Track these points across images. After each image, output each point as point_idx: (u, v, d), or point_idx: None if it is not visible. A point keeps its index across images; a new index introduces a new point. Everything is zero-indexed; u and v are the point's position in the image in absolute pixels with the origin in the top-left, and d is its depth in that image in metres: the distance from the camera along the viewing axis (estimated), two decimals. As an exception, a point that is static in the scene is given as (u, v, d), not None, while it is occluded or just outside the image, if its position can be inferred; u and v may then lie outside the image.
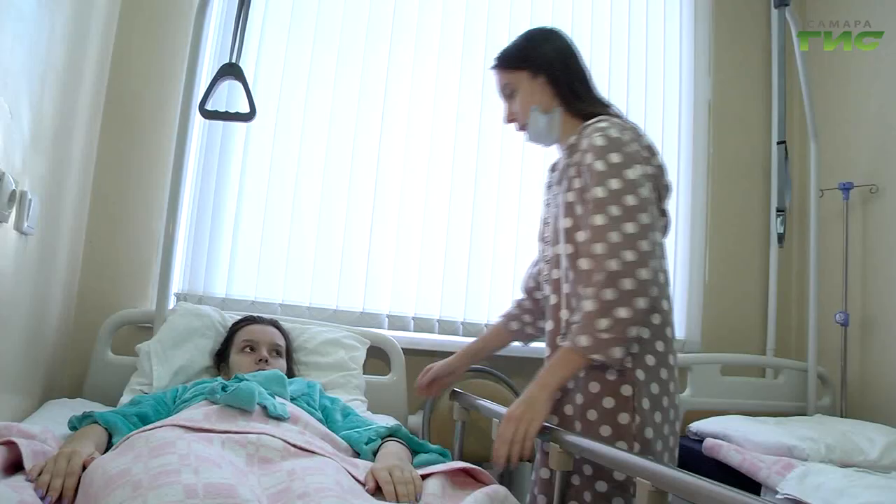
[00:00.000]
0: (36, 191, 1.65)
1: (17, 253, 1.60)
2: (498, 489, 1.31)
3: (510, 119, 1.69)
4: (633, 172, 1.40)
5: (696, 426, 2.46)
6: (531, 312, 1.84)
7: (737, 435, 2.25)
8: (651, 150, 1.52)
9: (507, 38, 1.87)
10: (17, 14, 1.44)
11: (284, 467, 1.24)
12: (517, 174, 2.77)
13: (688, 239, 2.98)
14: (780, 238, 2.98)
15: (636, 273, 1.32)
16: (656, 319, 1.47)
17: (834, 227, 2.90)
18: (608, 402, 1.43)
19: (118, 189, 2.37)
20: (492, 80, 1.74)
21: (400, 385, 2.38)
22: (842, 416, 2.68)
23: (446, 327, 2.62)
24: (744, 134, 3.13)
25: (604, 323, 1.31)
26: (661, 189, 1.54)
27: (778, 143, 3.01)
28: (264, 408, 1.50)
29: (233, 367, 1.92)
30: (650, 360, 1.45)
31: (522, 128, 1.67)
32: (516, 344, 1.91)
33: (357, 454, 1.55)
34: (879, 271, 2.78)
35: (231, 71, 2.13)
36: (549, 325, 1.58)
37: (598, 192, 1.39)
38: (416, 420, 2.40)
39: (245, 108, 2.12)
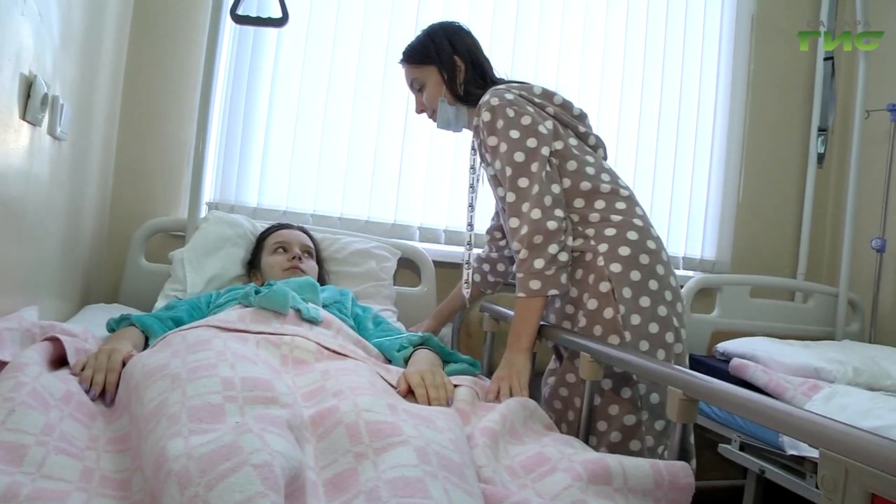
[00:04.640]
0: (67, 95, 1.63)
1: (52, 158, 1.60)
2: (528, 400, 1.36)
3: (420, 110, 1.84)
4: (525, 132, 1.54)
5: (723, 346, 2.45)
6: (488, 261, 2.01)
7: (764, 355, 2.24)
8: (546, 95, 1.65)
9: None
10: None
11: (318, 368, 1.27)
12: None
13: (723, 157, 2.91)
14: (820, 158, 2.91)
15: (546, 225, 1.48)
16: (617, 218, 1.56)
17: (878, 150, 2.81)
18: (592, 304, 1.53)
19: (148, 97, 2.35)
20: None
21: (430, 297, 2.40)
22: (870, 343, 2.67)
23: (477, 240, 2.59)
24: (788, 48, 2.99)
25: (540, 262, 1.47)
26: (569, 122, 1.66)
27: (825, 58, 2.89)
28: (297, 311, 1.52)
29: (265, 269, 1.95)
30: (624, 251, 1.52)
31: (432, 117, 1.80)
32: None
33: (388, 361, 1.58)
34: (922, 197, 2.70)
35: (262, -26, 2.07)
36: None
37: (498, 165, 1.56)
38: (445, 331, 2.43)
39: (277, 13, 2.07)
